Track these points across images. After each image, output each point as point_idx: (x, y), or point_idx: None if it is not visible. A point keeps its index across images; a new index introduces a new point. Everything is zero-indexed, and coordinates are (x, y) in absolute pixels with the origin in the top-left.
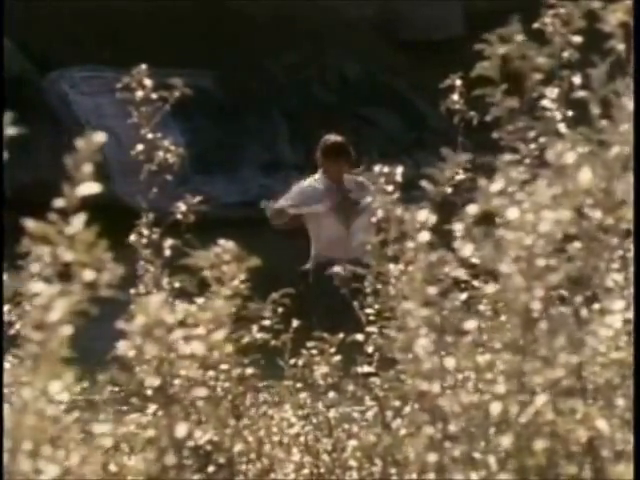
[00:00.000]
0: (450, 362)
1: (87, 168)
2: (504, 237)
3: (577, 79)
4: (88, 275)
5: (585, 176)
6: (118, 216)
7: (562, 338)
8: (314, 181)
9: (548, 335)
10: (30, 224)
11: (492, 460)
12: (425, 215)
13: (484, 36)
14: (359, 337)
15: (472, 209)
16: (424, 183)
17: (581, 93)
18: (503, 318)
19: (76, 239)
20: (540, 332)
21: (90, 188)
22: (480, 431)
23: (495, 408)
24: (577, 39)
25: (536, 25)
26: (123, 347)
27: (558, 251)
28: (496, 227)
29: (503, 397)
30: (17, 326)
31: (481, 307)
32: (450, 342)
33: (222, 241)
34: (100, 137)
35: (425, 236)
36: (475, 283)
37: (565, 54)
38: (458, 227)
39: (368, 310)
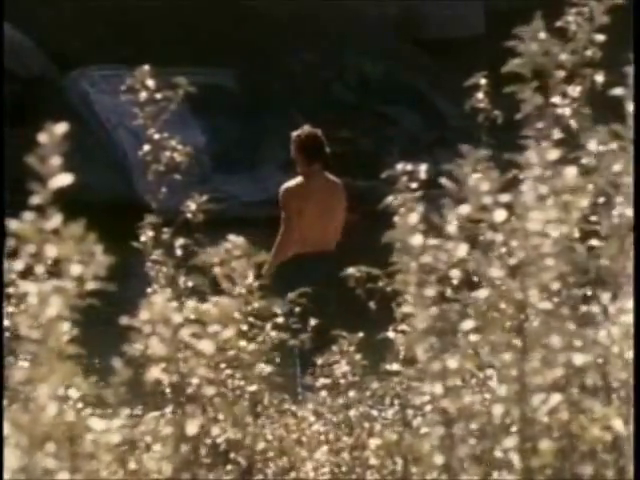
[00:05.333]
0: (453, 363)
1: (55, 161)
2: (495, 240)
3: (600, 77)
4: (75, 269)
5: (570, 173)
6: (139, 214)
7: (567, 337)
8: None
9: (556, 334)
10: (13, 224)
11: (512, 459)
12: (416, 218)
13: (512, 33)
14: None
15: (463, 209)
16: (443, 180)
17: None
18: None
19: (63, 234)
20: (545, 331)
21: (61, 180)
22: (496, 430)
23: (498, 409)
24: (600, 37)
25: (559, 23)
26: (133, 346)
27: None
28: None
29: (511, 397)
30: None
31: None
32: (451, 343)
33: (232, 237)
34: (62, 127)
35: (418, 239)
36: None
37: (588, 52)
38: (451, 228)
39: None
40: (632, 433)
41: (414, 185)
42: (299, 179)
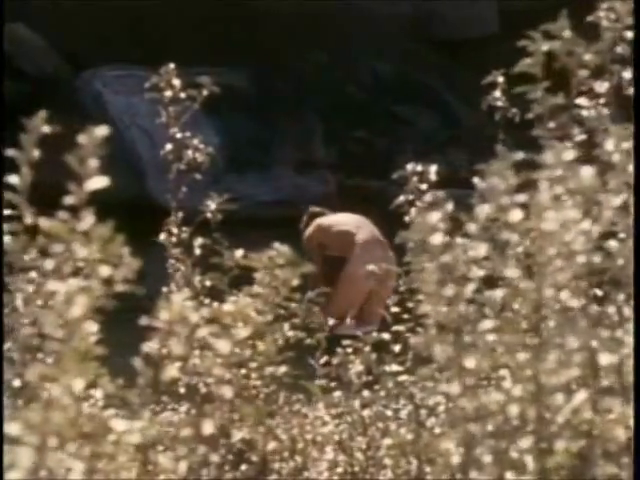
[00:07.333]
0: (470, 362)
1: (92, 163)
2: (510, 239)
3: (628, 74)
4: (104, 271)
5: (587, 173)
6: (152, 215)
7: (585, 337)
8: None
9: (577, 333)
10: (44, 222)
11: (527, 460)
12: (437, 217)
13: (526, 33)
14: (386, 336)
15: (483, 209)
16: (475, 179)
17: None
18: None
19: (91, 235)
20: (570, 330)
21: (98, 182)
22: (512, 431)
23: (514, 409)
24: (629, 34)
25: (590, 19)
26: (150, 345)
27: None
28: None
29: (527, 397)
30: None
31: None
32: (469, 342)
33: (277, 244)
34: (103, 130)
35: (438, 238)
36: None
37: (618, 49)
38: (471, 227)
39: (395, 309)
40: (632, 433)
41: (424, 186)
42: None
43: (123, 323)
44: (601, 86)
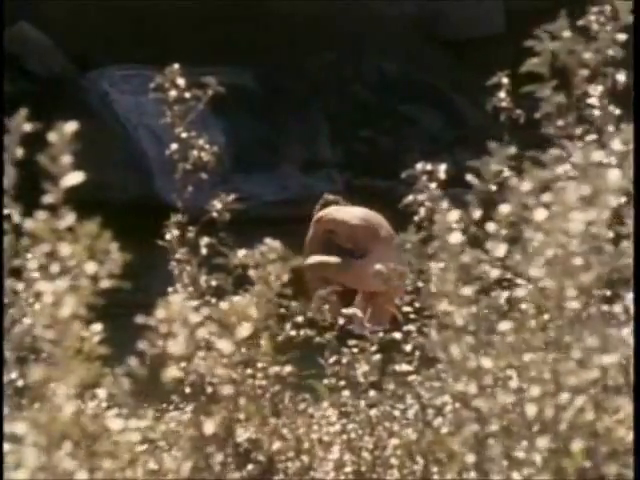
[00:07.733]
0: (487, 362)
1: (65, 160)
2: (534, 239)
3: (622, 76)
4: (90, 268)
5: (614, 175)
6: (160, 214)
7: (600, 337)
8: None
9: (586, 334)
10: (29, 223)
11: (534, 460)
12: (457, 215)
13: (532, 33)
14: (397, 335)
15: (504, 209)
16: (469, 177)
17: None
18: (541, 318)
19: (77, 233)
20: (577, 332)
21: (73, 179)
22: (520, 431)
23: (531, 409)
24: (622, 36)
25: (581, 22)
26: (148, 344)
27: (597, 250)
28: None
29: (540, 398)
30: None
31: (522, 306)
32: (486, 342)
33: (268, 240)
34: (72, 126)
35: (457, 236)
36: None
37: (610, 51)
38: (491, 227)
39: (406, 308)
40: (632, 432)
41: (433, 185)
42: None
43: (126, 320)
44: (595, 89)
